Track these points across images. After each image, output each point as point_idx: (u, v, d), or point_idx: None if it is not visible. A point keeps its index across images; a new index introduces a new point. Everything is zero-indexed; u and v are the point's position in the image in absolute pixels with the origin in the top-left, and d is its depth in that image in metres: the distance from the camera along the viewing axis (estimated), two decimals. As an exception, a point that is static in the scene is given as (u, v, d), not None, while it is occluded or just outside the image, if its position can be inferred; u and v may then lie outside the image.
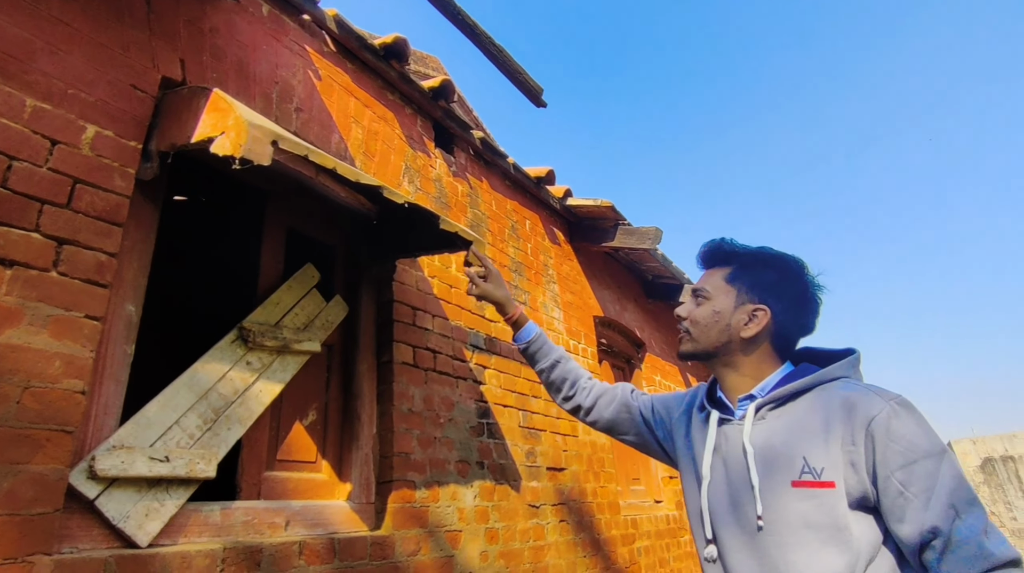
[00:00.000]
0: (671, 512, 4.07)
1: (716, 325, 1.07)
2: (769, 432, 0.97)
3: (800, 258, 1.08)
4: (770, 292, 1.06)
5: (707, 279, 1.12)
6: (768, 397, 0.99)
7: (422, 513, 2.07)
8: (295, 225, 2.15)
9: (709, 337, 1.07)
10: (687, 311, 1.12)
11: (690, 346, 1.11)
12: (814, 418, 0.93)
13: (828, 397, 0.94)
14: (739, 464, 0.98)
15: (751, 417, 0.99)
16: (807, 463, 0.90)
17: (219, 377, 1.68)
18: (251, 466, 1.76)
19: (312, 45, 2.26)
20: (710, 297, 1.09)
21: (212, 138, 1.37)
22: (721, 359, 1.08)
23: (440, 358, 2.39)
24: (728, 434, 1.03)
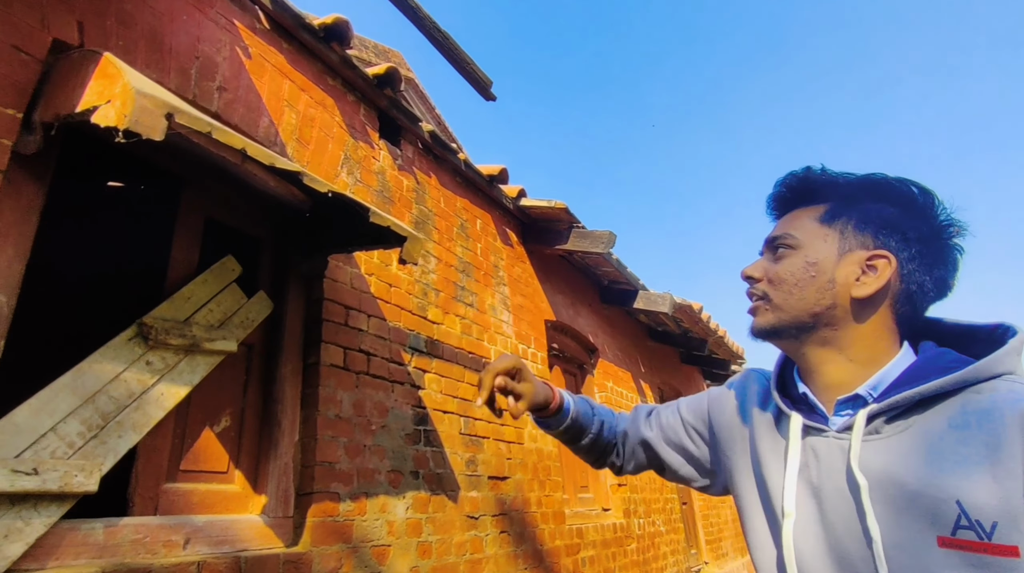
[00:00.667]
0: (619, 520, 4.01)
1: (812, 282, 0.74)
2: (891, 456, 0.66)
3: (925, 185, 0.75)
4: (891, 233, 0.73)
5: (790, 223, 0.79)
6: (888, 402, 0.67)
7: (346, 527, 1.92)
8: (215, 214, 1.98)
9: (803, 301, 0.74)
10: (761, 270, 0.79)
11: (771, 317, 0.76)
12: (970, 439, 0.62)
13: (988, 405, 0.63)
14: (842, 501, 0.68)
15: (860, 430, 0.68)
16: (964, 512, 0.59)
17: (111, 378, 1.50)
18: (147, 478, 1.58)
19: (243, 20, 2.10)
20: (798, 245, 0.76)
21: (96, 107, 1.21)
22: (817, 334, 0.74)
23: (374, 361, 2.25)
24: (819, 451, 0.72)
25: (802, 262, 0.75)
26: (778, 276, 0.77)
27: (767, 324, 0.77)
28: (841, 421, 0.72)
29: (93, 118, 1.18)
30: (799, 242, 0.77)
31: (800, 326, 0.75)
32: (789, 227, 0.79)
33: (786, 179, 0.82)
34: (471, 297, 3.01)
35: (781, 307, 0.76)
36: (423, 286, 2.66)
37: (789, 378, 0.82)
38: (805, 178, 0.80)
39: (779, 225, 0.82)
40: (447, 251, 2.92)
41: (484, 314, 3.09)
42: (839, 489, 0.68)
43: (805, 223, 0.78)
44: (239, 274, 1.94)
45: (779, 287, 0.76)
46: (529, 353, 3.45)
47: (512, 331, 3.32)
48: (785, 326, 0.76)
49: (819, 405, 0.75)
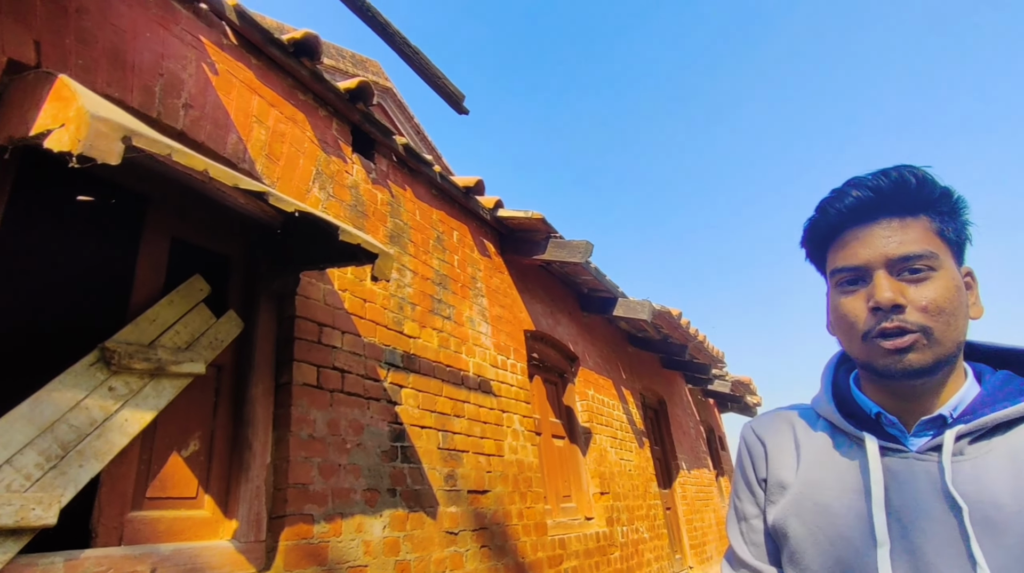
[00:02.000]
0: (602, 529, 4.01)
1: (962, 310, 0.67)
2: (981, 477, 0.64)
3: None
4: (966, 246, 0.71)
5: (911, 237, 0.68)
6: (977, 423, 0.66)
7: (320, 549, 1.89)
8: (183, 234, 1.94)
9: (957, 331, 0.67)
10: (911, 294, 0.67)
11: (930, 355, 0.66)
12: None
13: None
14: (935, 525, 0.64)
15: (950, 451, 0.66)
16: None
17: (71, 406, 1.46)
18: (111, 507, 1.54)
19: (209, 36, 2.07)
20: (940, 266, 0.67)
21: (50, 130, 1.18)
22: (951, 366, 0.69)
23: (349, 378, 2.22)
24: (898, 473, 0.68)
25: (953, 287, 0.67)
26: (936, 305, 0.66)
27: (927, 362, 0.66)
28: (921, 442, 0.69)
29: (46, 143, 1.15)
30: (940, 262, 0.67)
31: (950, 358, 0.67)
32: (919, 243, 0.68)
33: (893, 177, 0.69)
34: (448, 310, 3.00)
35: (941, 342, 0.66)
36: (399, 300, 2.64)
37: (848, 395, 0.77)
38: (922, 183, 0.68)
39: (893, 237, 0.69)
40: (423, 264, 2.91)
41: (462, 326, 3.08)
42: (928, 513, 0.65)
43: (931, 237, 0.68)
44: (207, 293, 1.90)
45: (939, 318, 0.66)
46: (508, 364, 3.44)
47: (491, 343, 3.31)
48: (942, 360, 0.66)
49: (897, 424, 0.71)
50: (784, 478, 0.78)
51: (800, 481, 0.75)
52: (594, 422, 4.45)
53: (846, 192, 0.72)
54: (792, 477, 0.77)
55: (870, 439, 0.70)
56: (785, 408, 0.86)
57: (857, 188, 0.71)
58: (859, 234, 0.71)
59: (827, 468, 0.74)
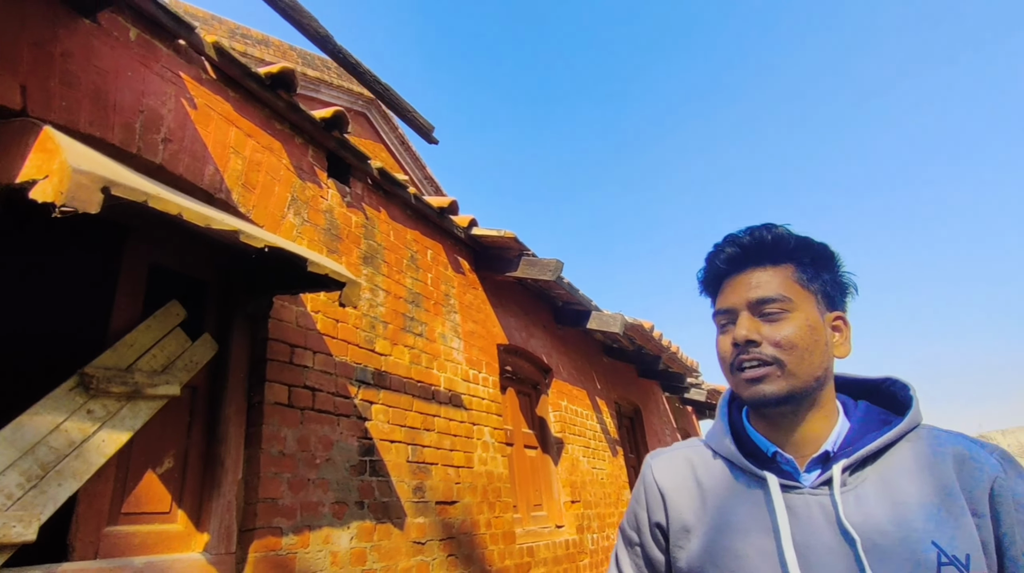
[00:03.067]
0: (571, 537, 4.14)
1: (816, 346, 0.75)
2: (863, 506, 0.70)
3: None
4: (842, 294, 0.81)
5: (768, 284, 0.78)
6: (857, 456, 0.73)
7: (288, 561, 2.00)
8: (160, 260, 2.05)
9: (812, 365, 0.75)
10: (756, 332, 0.77)
11: (784, 384, 0.75)
12: (919, 482, 0.70)
13: (922, 452, 0.72)
14: (833, 557, 0.69)
15: (838, 484, 0.72)
16: (942, 551, 0.65)
17: (51, 429, 1.56)
18: (88, 522, 1.65)
19: (188, 72, 2.18)
20: (794, 307, 0.76)
21: (35, 181, 1.29)
22: (814, 397, 0.77)
23: (320, 396, 2.34)
24: (796, 509, 0.73)
25: (806, 325, 0.76)
26: (788, 340, 0.75)
27: (781, 391, 0.75)
28: (812, 477, 0.75)
29: (31, 194, 1.26)
30: (794, 304, 0.77)
31: (806, 391, 0.75)
32: (778, 288, 0.78)
33: (755, 234, 0.81)
34: (421, 327, 3.12)
35: (795, 373, 0.74)
36: (371, 319, 2.76)
37: (744, 436, 0.84)
38: (777, 238, 0.80)
39: (751, 285, 0.79)
40: (396, 283, 3.03)
41: (434, 343, 3.20)
42: (827, 545, 0.69)
43: (788, 284, 0.78)
44: (183, 318, 2.01)
45: (791, 352, 0.74)
46: (480, 377, 3.56)
47: (463, 358, 3.43)
48: (797, 392, 0.75)
49: (790, 461, 0.76)
50: (687, 521, 0.82)
51: (708, 525, 0.80)
52: (567, 432, 4.59)
53: (723, 248, 0.84)
54: (695, 520, 0.82)
55: (772, 479, 0.76)
56: (683, 445, 0.92)
57: (730, 245, 0.83)
58: (732, 282, 0.82)
59: (732, 509, 0.78)
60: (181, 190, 1.96)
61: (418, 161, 7.86)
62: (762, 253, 0.80)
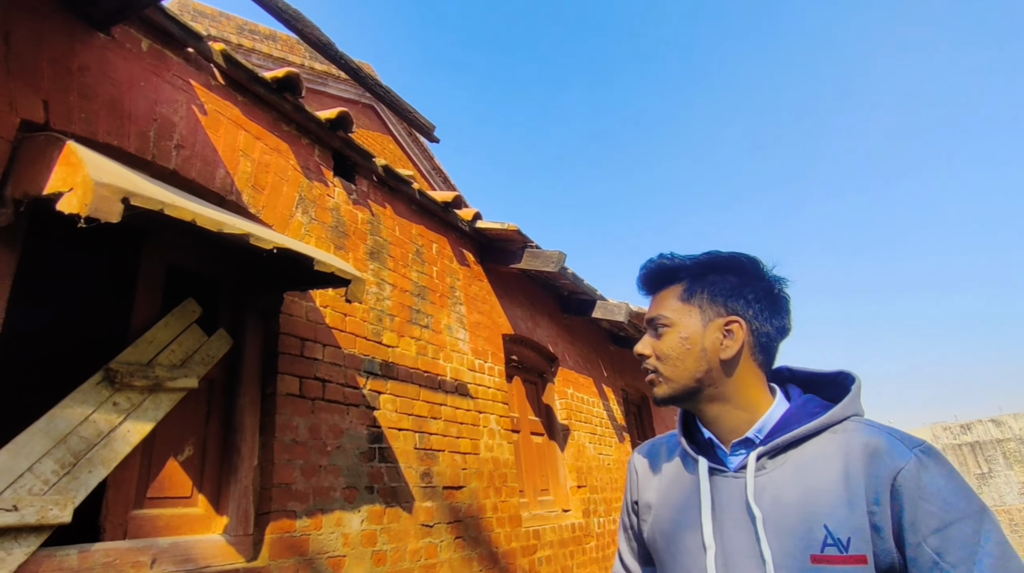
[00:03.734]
0: (578, 520, 4.26)
1: (689, 354, 0.90)
2: (775, 488, 0.81)
3: (750, 254, 0.95)
4: (736, 299, 0.91)
5: (660, 304, 0.95)
6: (771, 445, 0.84)
7: (302, 542, 2.13)
8: (176, 261, 2.17)
9: (686, 370, 0.90)
10: (649, 346, 0.94)
11: (666, 389, 0.91)
12: (829, 470, 0.79)
13: (841, 443, 0.80)
14: (741, 531, 0.82)
15: (752, 470, 0.83)
16: (829, 532, 0.75)
17: (81, 420, 1.69)
18: (117, 506, 1.78)
19: (198, 79, 2.28)
20: (671, 323, 0.92)
21: (61, 193, 1.40)
22: (706, 394, 0.90)
23: (330, 387, 2.45)
24: (721, 489, 0.87)
25: (678, 338, 0.91)
26: (662, 352, 0.92)
27: (664, 394, 0.92)
28: (737, 461, 0.88)
29: (58, 206, 1.37)
30: (671, 320, 0.92)
31: (690, 391, 0.90)
32: (661, 308, 0.94)
33: (646, 267, 0.99)
34: (427, 319, 3.23)
35: (671, 378, 0.91)
36: (378, 313, 2.87)
37: (693, 426, 0.98)
38: (660, 266, 0.97)
39: (652, 306, 0.97)
40: (402, 277, 3.13)
41: (440, 334, 3.30)
42: (738, 520, 0.82)
43: (671, 302, 0.94)
44: (199, 314, 2.13)
45: (665, 362, 0.91)
46: (486, 367, 3.67)
47: (468, 348, 3.54)
48: (678, 393, 0.91)
49: (721, 447, 0.90)
50: (649, 499, 0.99)
51: (660, 502, 0.96)
52: (573, 419, 4.69)
53: (637, 277, 1.02)
54: (654, 497, 0.98)
55: (702, 462, 0.90)
56: (662, 435, 1.08)
57: (639, 274, 1.01)
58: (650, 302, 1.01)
59: (676, 487, 0.94)
60: (194, 194, 2.07)
61: (426, 152, 7.94)
62: (657, 279, 0.98)
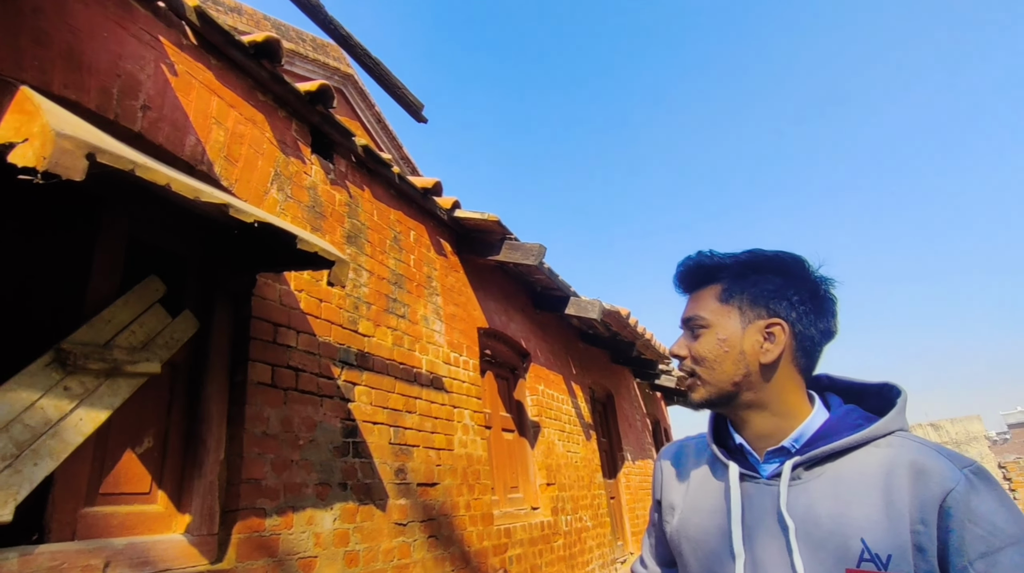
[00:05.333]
0: (546, 518, 4.20)
1: (727, 357, 0.86)
2: (810, 499, 0.78)
3: (795, 253, 0.90)
4: (779, 301, 0.87)
5: (697, 304, 0.91)
6: (809, 455, 0.80)
7: (272, 542, 1.97)
8: (139, 234, 1.97)
9: (724, 373, 0.86)
10: (685, 348, 0.91)
11: (704, 392, 0.88)
12: (869, 485, 0.75)
13: (885, 458, 0.77)
14: (772, 540, 0.79)
15: (787, 479, 0.80)
16: (867, 547, 0.72)
17: (26, 406, 1.49)
18: (64, 503, 1.59)
19: (168, 37, 2.08)
20: (709, 324, 0.88)
21: (13, 144, 1.22)
22: (743, 399, 0.87)
23: (303, 376, 2.29)
24: (752, 496, 0.84)
25: (715, 339, 0.87)
26: (699, 354, 0.88)
27: (701, 398, 0.89)
28: (771, 469, 0.84)
29: (10, 157, 1.18)
30: (708, 321, 0.88)
31: (728, 395, 0.87)
32: (698, 309, 0.90)
33: (685, 265, 0.94)
34: (403, 309, 3.09)
35: (709, 382, 0.87)
36: (354, 300, 2.71)
37: (724, 430, 0.94)
38: (698, 264, 0.93)
39: (689, 306, 0.93)
40: (380, 264, 2.98)
41: (416, 325, 3.17)
42: (769, 529, 0.79)
43: (709, 303, 0.90)
44: (163, 293, 1.94)
45: (702, 365, 0.88)
46: (461, 361, 3.56)
47: (444, 340, 3.41)
48: (715, 397, 0.88)
49: (753, 454, 0.87)
50: (674, 501, 0.96)
51: (686, 504, 0.93)
52: (543, 416, 4.63)
53: (674, 274, 0.97)
54: (679, 498, 0.95)
55: (733, 467, 0.86)
56: (690, 437, 1.04)
57: (675, 272, 0.96)
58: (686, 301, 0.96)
59: (704, 491, 0.91)
60: (161, 161, 1.88)
61: (395, 140, 7.72)
62: (695, 278, 0.94)
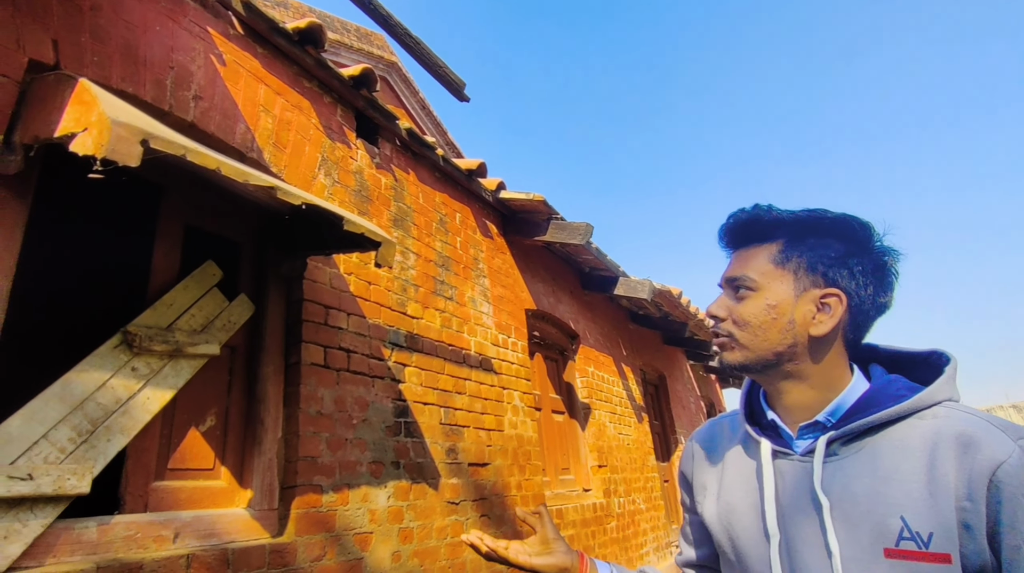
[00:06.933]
0: (599, 500, 4.18)
1: (774, 325, 0.79)
2: (847, 476, 0.73)
3: (862, 218, 0.81)
4: (839, 270, 0.78)
5: (746, 263, 0.82)
6: (845, 430, 0.75)
7: (329, 517, 2.03)
8: (195, 221, 2.04)
9: (767, 341, 0.79)
10: (725, 309, 0.83)
11: (740, 355, 0.81)
12: (912, 459, 0.70)
13: (929, 430, 0.71)
14: (806, 519, 0.75)
15: (821, 455, 0.75)
16: (907, 525, 0.67)
17: (98, 386, 1.58)
18: (136, 477, 1.68)
19: (216, 27, 2.13)
20: (758, 287, 0.80)
21: (74, 134, 1.27)
22: (782, 369, 0.80)
23: (355, 358, 2.34)
24: (785, 473, 0.79)
25: (763, 304, 0.79)
26: (742, 318, 0.80)
27: (736, 361, 0.81)
28: (804, 445, 0.78)
29: (72, 146, 1.24)
30: (758, 284, 0.80)
31: (765, 363, 0.80)
32: (746, 268, 0.81)
33: (739, 216, 0.84)
34: (451, 290, 3.10)
35: (747, 347, 0.80)
36: (402, 282, 2.74)
37: (757, 405, 0.88)
38: (755, 217, 0.82)
39: (735, 264, 0.84)
40: (426, 247, 3.00)
41: (464, 306, 3.18)
42: (803, 508, 0.75)
43: (761, 264, 0.81)
44: (220, 278, 2.01)
45: (744, 329, 0.80)
46: (509, 342, 3.55)
47: (492, 322, 3.41)
48: (752, 363, 0.81)
49: (786, 429, 0.81)
50: (707, 481, 0.91)
51: (719, 481, 0.89)
52: (593, 398, 4.58)
53: (722, 226, 0.88)
54: (711, 476, 0.91)
55: (765, 444, 0.81)
56: (724, 415, 0.98)
57: (724, 224, 0.87)
58: (732, 256, 0.87)
59: (738, 471, 0.86)
60: (213, 149, 1.93)
61: (439, 126, 7.74)
62: (746, 233, 0.84)
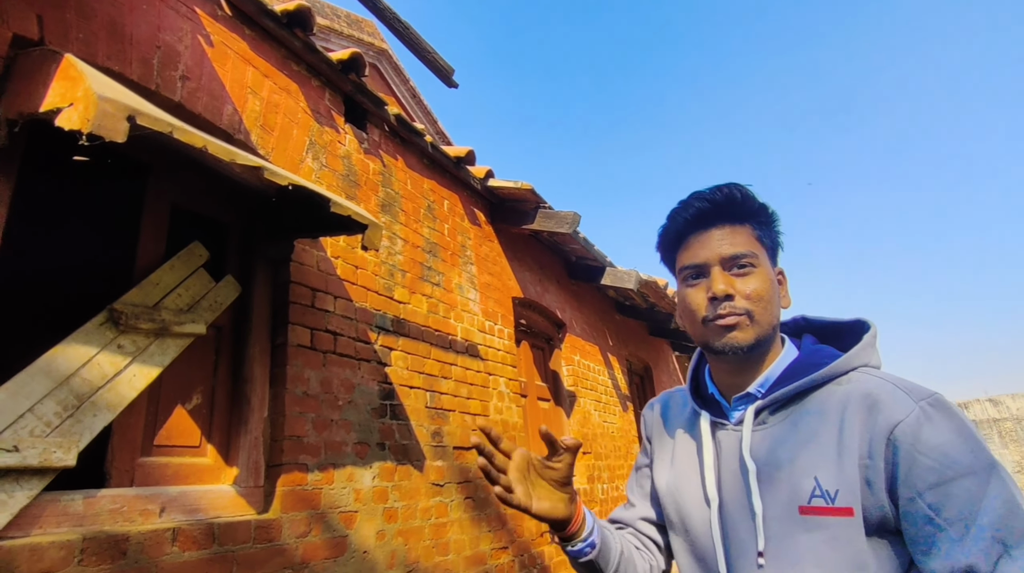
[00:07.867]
0: (583, 486, 4.24)
1: (775, 299, 0.82)
2: (772, 442, 0.78)
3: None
4: (779, 249, 0.88)
5: (736, 240, 0.83)
6: (770, 398, 0.80)
7: (314, 495, 2.06)
8: (182, 201, 2.04)
9: (774, 315, 0.82)
10: (738, 286, 0.81)
11: (752, 333, 0.80)
12: (827, 423, 0.75)
13: (844, 394, 0.76)
14: (737, 484, 0.80)
15: (749, 424, 0.80)
16: (818, 484, 0.72)
17: (84, 362, 1.59)
18: (123, 453, 1.70)
19: (204, 8, 2.12)
20: (759, 263, 0.82)
21: (60, 109, 1.28)
22: (768, 346, 0.83)
23: (341, 340, 2.36)
24: (722, 443, 0.84)
25: (768, 278, 0.82)
26: (757, 293, 0.80)
27: (751, 339, 0.80)
28: (738, 415, 0.84)
29: (57, 121, 1.25)
30: (759, 260, 0.82)
31: (769, 338, 0.82)
32: (744, 245, 0.82)
33: (724, 193, 0.84)
34: (438, 276, 3.12)
35: (760, 322, 0.80)
36: (389, 267, 2.76)
37: (702, 380, 0.94)
38: (740, 197, 0.83)
39: (725, 242, 0.83)
40: (414, 232, 3.02)
41: (451, 293, 3.21)
42: (735, 474, 0.81)
43: (750, 241, 0.83)
44: (206, 259, 2.02)
45: (759, 303, 0.80)
46: (496, 329, 3.59)
47: (479, 309, 3.44)
48: (762, 339, 0.80)
49: (723, 402, 0.87)
50: (662, 452, 0.98)
51: (666, 449, 0.96)
52: (579, 386, 4.64)
53: (690, 203, 0.86)
54: (666, 452, 0.97)
55: (704, 416, 0.88)
56: (680, 388, 1.04)
57: (698, 200, 0.85)
58: (700, 238, 0.85)
59: (682, 441, 0.93)
60: (200, 129, 1.94)
61: (429, 115, 7.72)
62: (730, 211, 0.84)
